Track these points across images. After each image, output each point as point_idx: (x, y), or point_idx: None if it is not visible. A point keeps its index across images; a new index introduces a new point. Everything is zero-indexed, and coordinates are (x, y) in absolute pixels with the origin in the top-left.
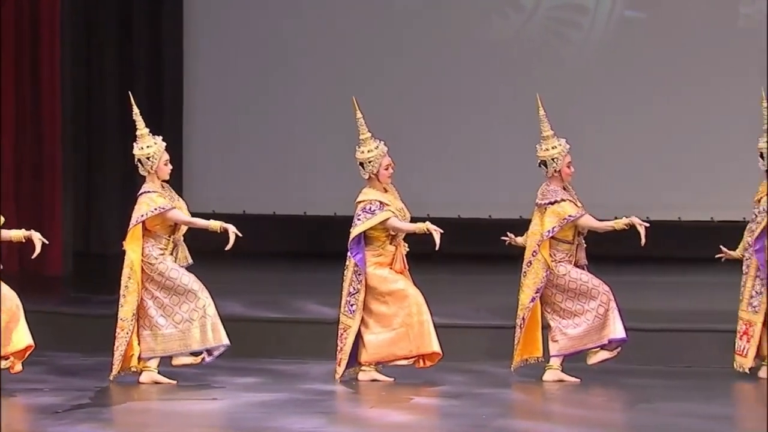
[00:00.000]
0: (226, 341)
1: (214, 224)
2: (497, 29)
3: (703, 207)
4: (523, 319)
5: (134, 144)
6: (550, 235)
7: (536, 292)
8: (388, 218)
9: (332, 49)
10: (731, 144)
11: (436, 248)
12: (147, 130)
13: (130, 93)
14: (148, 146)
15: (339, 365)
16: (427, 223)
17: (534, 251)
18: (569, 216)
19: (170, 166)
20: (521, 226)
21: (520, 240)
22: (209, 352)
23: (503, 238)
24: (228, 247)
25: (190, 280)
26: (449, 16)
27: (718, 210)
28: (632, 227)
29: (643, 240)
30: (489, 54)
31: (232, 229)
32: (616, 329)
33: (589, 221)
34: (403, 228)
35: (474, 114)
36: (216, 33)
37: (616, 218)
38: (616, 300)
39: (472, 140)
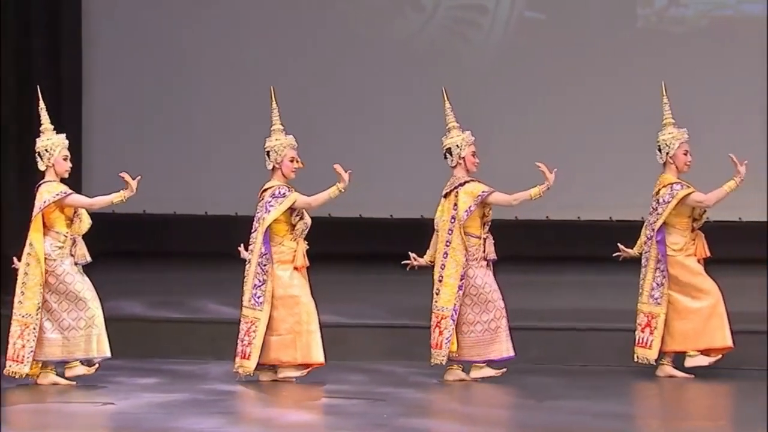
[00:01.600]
0: (108, 354)
1: (117, 196)
2: (397, 29)
3: (602, 206)
4: (455, 310)
5: (37, 139)
6: (470, 213)
7: (461, 279)
8: (296, 199)
9: (235, 49)
10: (629, 144)
11: (346, 180)
12: (51, 125)
13: (38, 87)
14: (48, 138)
15: (248, 359)
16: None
17: (447, 241)
18: (483, 192)
19: (69, 164)
20: (424, 225)
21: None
22: (89, 362)
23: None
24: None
25: (84, 288)
26: (349, 16)
27: (616, 209)
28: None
29: (550, 179)
30: (389, 53)
31: (132, 185)
32: (507, 348)
33: (500, 196)
34: (314, 202)
35: (376, 114)
36: (115, 31)
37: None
38: (508, 317)
39: (375, 140)
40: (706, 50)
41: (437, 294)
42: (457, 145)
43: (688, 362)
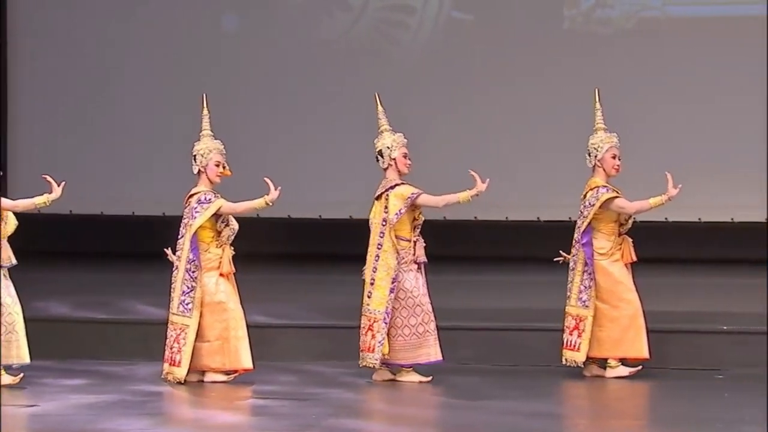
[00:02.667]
0: (27, 360)
1: (40, 199)
2: (325, 29)
3: (530, 206)
4: (387, 313)
5: None
6: (400, 216)
7: (393, 282)
8: (222, 205)
9: (161, 50)
10: (557, 144)
11: (277, 190)
12: None
13: None
14: None
15: (178, 366)
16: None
17: (378, 244)
18: (412, 194)
19: None
20: (353, 225)
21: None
22: (9, 368)
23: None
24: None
25: (5, 294)
26: (277, 16)
27: (544, 210)
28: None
29: (481, 187)
30: (317, 54)
31: (55, 188)
32: (435, 353)
33: (429, 198)
34: (239, 208)
35: (304, 114)
36: (40, 32)
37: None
38: (437, 322)
39: (303, 140)
40: (632, 51)
41: (369, 297)
42: (388, 147)
43: (609, 373)
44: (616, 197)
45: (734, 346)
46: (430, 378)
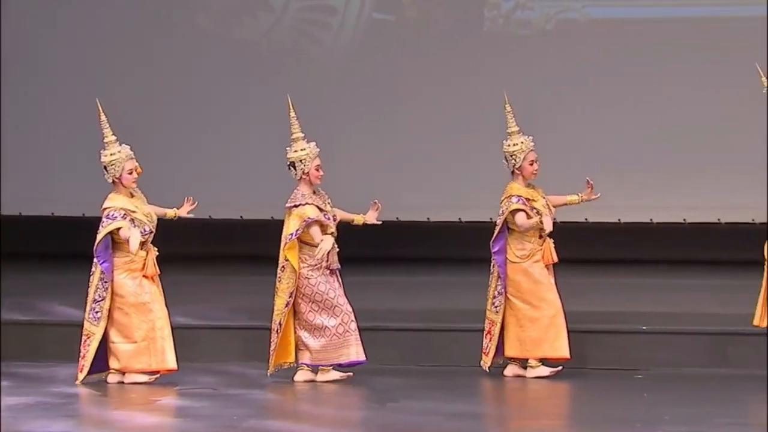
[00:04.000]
0: None
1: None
2: (247, 29)
3: (452, 208)
4: (280, 324)
5: None
6: (293, 237)
7: (290, 296)
8: (120, 227)
9: (81, 51)
10: (478, 145)
11: (193, 205)
12: None
13: None
14: None
15: (81, 371)
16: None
17: (285, 257)
18: (308, 218)
19: None
20: (272, 226)
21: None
22: None
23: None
24: None
25: None
26: (198, 16)
27: (465, 210)
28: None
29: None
30: (239, 54)
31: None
32: (357, 352)
33: (315, 230)
34: (133, 238)
35: (225, 115)
36: None
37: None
38: (357, 322)
39: (224, 141)
40: (551, 52)
41: (274, 304)
42: (301, 160)
43: (530, 373)
44: (519, 211)
45: (653, 346)
46: (349, 374)
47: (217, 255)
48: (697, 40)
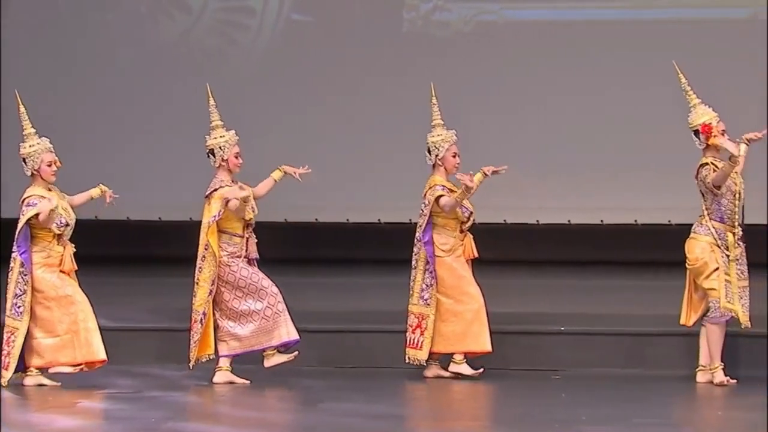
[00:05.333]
0: None
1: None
2: (164, 30)
3: (371, 209)
4: (204, 314)
5: None
6: (215, 220)
7: (212, 285)
8: (41, 211)
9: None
10: (397, 146)
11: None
12: None
13: None
14: None
15: (6, 369)
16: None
17: (206, 245)
18: (225, 198)
19: None
20: (189, 227)
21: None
22: None
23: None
24: None
25: None
26: (115, 17)
27: (385, 212)
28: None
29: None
30: (157, 55)
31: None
32: (288, 332)
33: (232, 203)
34: (42, 205)
35: (142, 116)
36: None
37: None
38: (285, 302)
39: (141, 143)
40: (470, 53)
41: (194, 296)
42: (221, 147)
43: (453, 368)
44: (442, 196)
45: (572, 347)
46: (294, 354)
47: (134, 256)
48: (615, 41)
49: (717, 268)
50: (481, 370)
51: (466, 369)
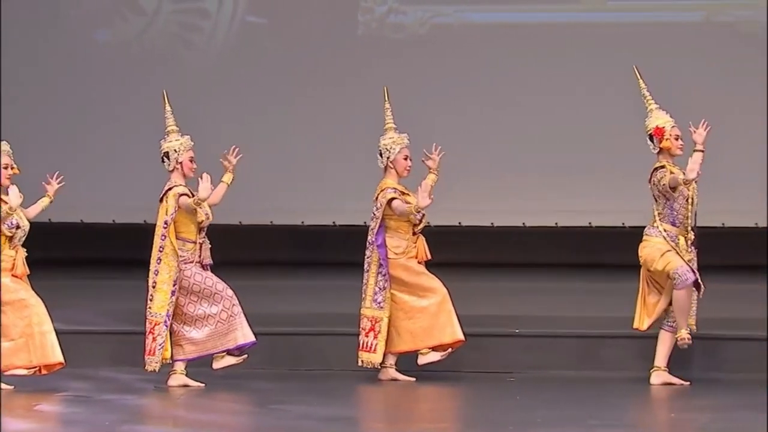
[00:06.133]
0: None
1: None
2: (118, 32)
3: (325, 211)
4: (168, 316)
5: None
6: (172, 217)
7: (174, 285)
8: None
9: None
10: (352, 149)
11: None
12: None
13: None
14: None
15: None
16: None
17: (161, 247)
18: (179, 194)
19: None
20: (143, 230)
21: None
22: None
23: None
24: None
25: None
26: (67, 18)
27: (339, 214)
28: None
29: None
30: (111, 57)
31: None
32: (243, 334)
33: (184, 200)
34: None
35: (98, 118)
36: None
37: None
38: (241, 304)
39: (96, 144)
40: (425, 56)
41: (151, 300)
42: (175, 150)
43: (421, 360)
44: (394, 199)
45: (527, 349)
46: (244, 357)
47: (88, 259)
48: (569, 44)
49: (669, 249)
50: (449, 350)
51: (433, 356)
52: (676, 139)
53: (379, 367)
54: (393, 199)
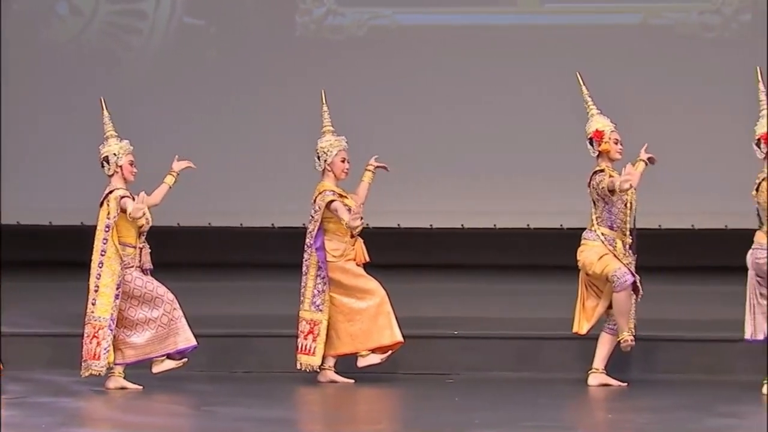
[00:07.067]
0: None
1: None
2: (55, 32)
3: (263, 213)
4: (112, 319)
5: None
6: (113, 220)
7: (117, 289)
8: None
9: None
10: (291, 151)
11: None
12: None
13: None
14: None
15: None
16: None
17: (102, 250)
18: (122, 197)
19: None
20: (81, 232)
21: None
22: None
23: None
24: None
25: None
26: (5, 19)
27: (277, 216)
28: None
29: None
30: (48, 58)
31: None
32: (185, 338)
33: (128, 202)
34: None
35: (32, 118)
36: None
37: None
38: (181, 307)
39: (31, 145)
40: (363, 58)
41: (93, 304)
42: (114, 154)
43: (361, 362)
44: (334, 201)
45: (465, 350)
46: (184, 360)
47: (24, 261)
48: (507, 47)
49: (607, 253)
50: (390, 353)
51: (373, 358)
52: (615, 143)
53: (318, 369)
54: (332, 201)
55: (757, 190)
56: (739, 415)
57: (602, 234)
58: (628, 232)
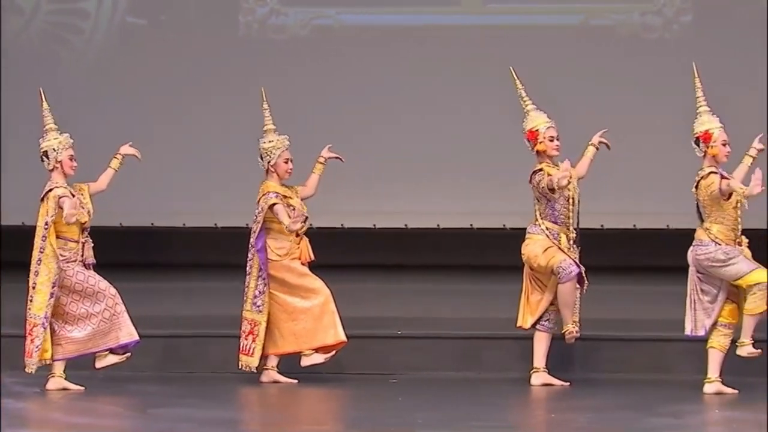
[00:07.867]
0: None
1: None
2: None
3: (206, 213)
4: (46, 318)
5: None
6: (51, 219)
7: (53, 287)
8: None
9: None
10: (235, 151)
11: None
12: None
13: None
14: None
15: None
16: None
17: (41, 248)
18: (59, 197)
19: None
20: (23, 231)
21: None
22: None
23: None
24: None
25: None
26: None
27: (221, 216)
28: None
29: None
30: None
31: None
32: (127, 333)
33: (67, 201)
34: None
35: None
36: None
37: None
38: (125, 303)
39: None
40: (307, 58)
41: (31, 301)
42: (54, 149)
43: (304, 361)
44: (276, 204)
45: (408, 350)
46: (127, 355)
47: None
48: (452, 46)
49: (551, 246)
50: (333, 353)
51: (317, 358)
52: (551, 141)
53: (256, 370)
54: (275, 204)
55: (696, 187)
56: (680, 415)
57: (546, 228)
58: (571, 227)
